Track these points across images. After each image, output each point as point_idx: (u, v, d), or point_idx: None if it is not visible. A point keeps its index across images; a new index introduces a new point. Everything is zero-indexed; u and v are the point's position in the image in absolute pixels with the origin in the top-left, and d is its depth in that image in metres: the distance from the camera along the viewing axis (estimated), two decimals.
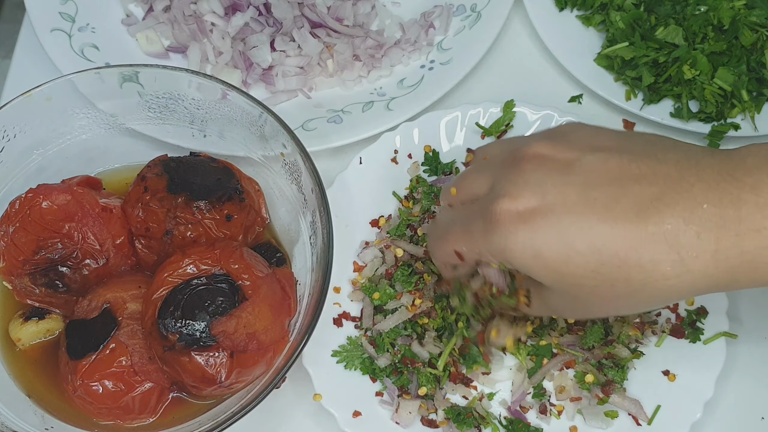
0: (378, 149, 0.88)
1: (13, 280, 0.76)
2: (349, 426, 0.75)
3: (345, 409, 0.76)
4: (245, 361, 0.70)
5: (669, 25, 0.91)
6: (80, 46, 0.95)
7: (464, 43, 0.96)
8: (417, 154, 0.88)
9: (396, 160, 0.88)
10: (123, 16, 1.00)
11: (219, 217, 0.76)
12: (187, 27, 0.97)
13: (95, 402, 0.71)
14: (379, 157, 0.88)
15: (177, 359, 0.69)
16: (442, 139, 0.89)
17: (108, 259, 0.76)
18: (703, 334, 0.78)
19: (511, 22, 1.00)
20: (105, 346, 0.71)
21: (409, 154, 0.88)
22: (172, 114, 0.83)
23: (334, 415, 0.76)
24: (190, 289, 0.70)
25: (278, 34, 0.96)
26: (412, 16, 1.00)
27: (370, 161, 0.87)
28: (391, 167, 0.88)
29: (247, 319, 0.70)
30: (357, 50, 0.96)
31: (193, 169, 0.78)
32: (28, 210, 0.75)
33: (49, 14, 0.97)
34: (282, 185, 0.81)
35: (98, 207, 0.77)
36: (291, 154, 0.77)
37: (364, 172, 0.87)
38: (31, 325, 0.76)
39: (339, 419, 0.75)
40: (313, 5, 0.97)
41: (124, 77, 0.80)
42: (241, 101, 0.79)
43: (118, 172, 0.85)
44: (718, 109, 0.89)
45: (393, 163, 0.88)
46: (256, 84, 0.96)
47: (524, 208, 0.61)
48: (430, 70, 0.95)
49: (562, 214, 0.60)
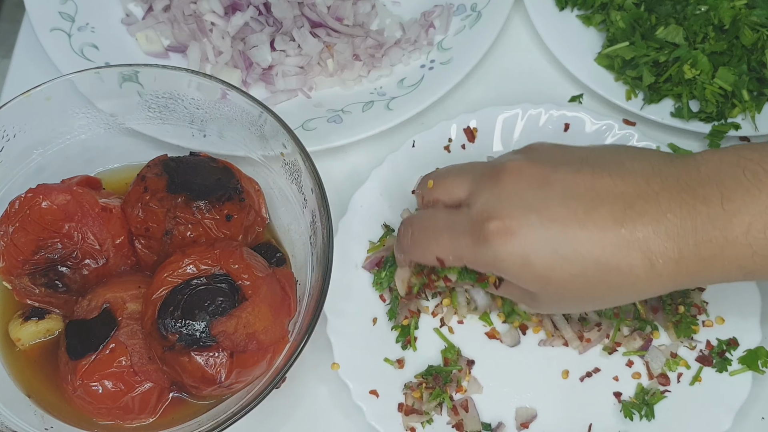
0: (433, 135, 0.88)
1: (12, 280, 0.76)
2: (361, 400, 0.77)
3: (361, 383, 0.78)
4: (245, 361, 0.70)
5: (669, 24, 0.91)
6: (80, 45, 0.95)
7: (464, 42, 0.96)
8: (470, 147, 0.88)
9: (449, 148, 0.88)
10: (123, 15, 1.00)
11: (219, 217, 0.76)
12: (186, 26, 0.97)
13: (95, 402, 0.71)
14: (433, 144, 0.88)
15: (177, 359, 0.69)
16: (495, 136, 0.88)
17: (108, 259, 0.76)
18: (730, 365, 0.78)
19: (511, 22, 1.00)
20: (105, 346, 0.71)
21: (462, 144, 0.88)
22: (172, 114, 0.83)
23: (349, 387, 0.77)
24: (190, 289, 0.70)
25: (278, 33, 0.96)
26: (412, 16, 1.00)
27: (424, 146, 0.87)
28: (443, 155, 0.88)
29: (247, 319, 0.70)
30: (357, 50, 0.96)
31: (192, 168, 0.78)
32: (27, 210, 0.75)
33: (49, 14, 0.97)
34: (282, 185, 0.81)
35: (98, 207, 0.76)
36: (291, 153, 0.77)
37: (416, 157, 0.87)
38: (31, 325, 0.76)
39: (353, 392, 0.77)
40: (313, 5, 0.97)
41: (123, 77, 0.80)
42: (240, 101, 0.78)
43: (117, 172, 0.85)
44: (718, 108, 0.90)
45: (446, 151, 0.88)
46: (255, 84, 0.96)
47: (509, 220, 0.65)
48: (430, 69, 0.95)
49: (546, 224, 0.64)
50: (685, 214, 0.62)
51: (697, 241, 0.62)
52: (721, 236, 0.62)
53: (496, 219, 0.65)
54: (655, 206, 0.63)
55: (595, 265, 0.63)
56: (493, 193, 0.67)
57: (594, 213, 0.63)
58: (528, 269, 0.65)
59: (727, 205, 0.62)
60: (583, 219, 0.63)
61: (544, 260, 0.64)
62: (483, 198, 0.67)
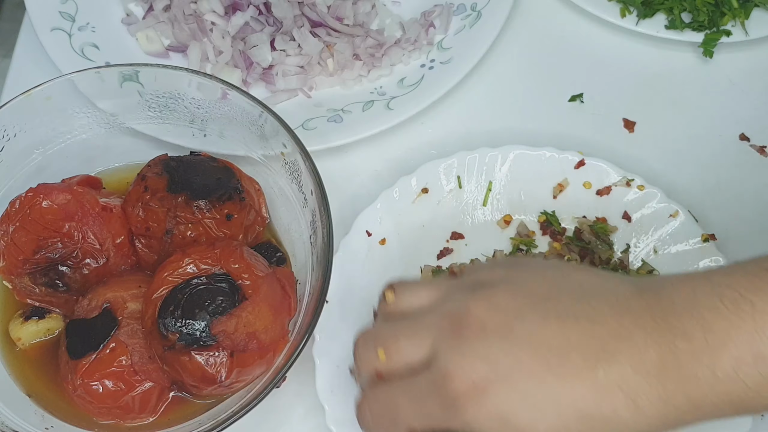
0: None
1: (13, 279, 0.76)
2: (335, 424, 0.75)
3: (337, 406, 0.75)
4: (245, 360, 0.70)
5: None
6: (80, 45, 0.95)
7: (465, 42, 0.96)
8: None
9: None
10: (123, 15, 1.00)
11: (219, 216, 0.76)
12: (187, 26, 0.97)
13: (95, 401, 0.71)
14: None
15: (177, 359, 0.69)
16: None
17: (108, 259, 0.76)
18: None
19: (511, 22, 1.00)
20: (105, 345, 0.71)
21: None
22: (172, 113, 0.83)
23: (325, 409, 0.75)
24: (190, 288, 0.70)
25: (278, 33, 0.96)
26: (412, 16, 1.00)
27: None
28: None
29: (247, 318, 0.70)
30: (357, 49, 0.96)
31: (193, 168, 0.78)
32: (28, 209, 0.75)
33: (49, 13, 0.97)
34: (282, 185, 0.81)
35: (98, 206, 0.76)
36: (291, 153, 0.77)
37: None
38: (31, 324, 0.76)
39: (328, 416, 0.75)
40: (313, 4, 0.97)
41: (124, 76, 0.80)
42: (241, 100, 0.78)
43: (118, 171, 0.85)
44: (709, 17, 0.95)
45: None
46: (256, 83, 0.96)
47: (479, 379, 0.59)
48: (430, 69, 0.95)
49: (519, 379, 0.59)
50: (665, 350, 0.57)
51: (681, 378, 0.57)
52: (709, 373, 0.57)
53: (461, 378, 0.59)
54: (629, 344, 0.58)
55: (577, 415, 0.58)
56: (456, 350, 0.61)
57: (567, 362, 0.58)
58: (509, 428, 0.59)
59: (710, 338, 0.57)
60: (557, 369, 0.58)
61: (525, 418, 0.58)
62: (445, 357, 0.61)
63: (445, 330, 0.62)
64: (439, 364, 0.61)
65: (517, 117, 0.95)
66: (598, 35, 1.00)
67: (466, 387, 0.59)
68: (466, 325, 0.61)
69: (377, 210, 0.84)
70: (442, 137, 0.94)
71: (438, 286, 0.67)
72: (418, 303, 0.66)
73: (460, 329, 0.61)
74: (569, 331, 0.59)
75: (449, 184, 0.86)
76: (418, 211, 0.85)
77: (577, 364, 0.58)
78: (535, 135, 0.92)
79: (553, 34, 1.01)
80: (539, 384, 0.58)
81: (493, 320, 0.61)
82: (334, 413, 0.75)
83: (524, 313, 0.61)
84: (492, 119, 0.95)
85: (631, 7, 0.97)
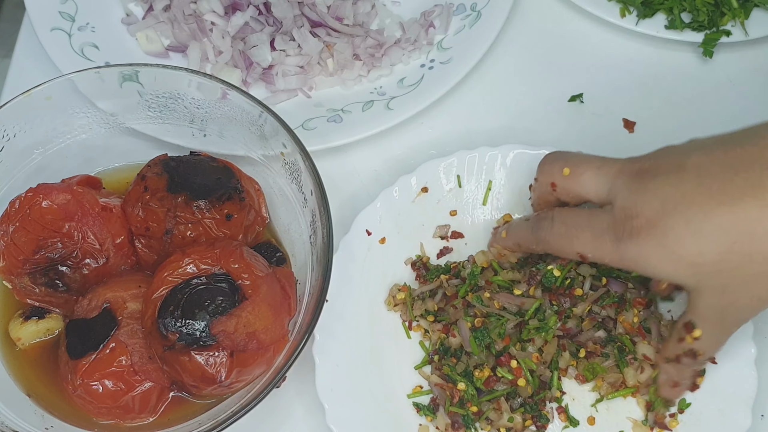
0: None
1: (13, 279, 0.76)
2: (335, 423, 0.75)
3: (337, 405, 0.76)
4: (245, 360, 0.70)
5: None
6: (80, 45, 0.95)
7: (464, 42, 0.96)
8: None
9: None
10: (123, 15, 1.00)
11: (219, 216, 0.76)
12: (187, 26, 0.97)
13: (95, 401, 0.71)
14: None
15: (177, 359, 0.69)
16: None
17: (108, 259, 0.76)
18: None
19: (511, 22, 1.00)
20: (105, 345, 0.71)
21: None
22: (172, 113, 0.83)
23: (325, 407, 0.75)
24: (190, 288, 0.70)
25: (278, 33, 0.96)
26: (412, 16, 1.00)
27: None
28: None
29: (247, 318, 0.70)
30: (357, 49, 0.96)
31: (193, 168, 0.78)
32: (28, 209, 0.75)
33: (49, 13, 0.97)
34: (282, 185, 0.81)
35: (98, 206, 0.77)
36: (291, 153, 0.77)
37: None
38: (31, 324, 0.76)
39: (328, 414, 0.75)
40: (313, 4, 0.97)
41: (124, 76, 0.80)
42: (241, 100, 0.79)
43: (118, 171, 0.85)
44: (709, 17, 0.95)
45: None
46: (256, 83, 0.96)
47: (650, 214, 0.65)
48: (430, 69, 0.95)
49: (684, 209, 0.64)
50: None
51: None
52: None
53: (638, 216, 0.66)
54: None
55: (742, 236, 0.62)
56: (633, 190, 0.67)
57: (730, 187, 0.63)
58: (675, 260, 0.64)
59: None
60: (719, 195, 0.63)
61: (689, 246, 0.63)
62: (623, 196, 0.68)
63: (625, 174, 0.68)
64: (618, 203, 0.68)
65: (517, 117, 0.95)
66: (598, 35, 1.00)
67: (639, 224, 0.66)
68: (645, 169, 0.67)
69: (377, 209, 0.84)
70: (441, 137, 0.94)
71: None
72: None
73: (640, 173, 0.67)
74: (732, 158, 0.64)
75: (449, 183, 0.86)
76: (418, 210, 0.85)
77: (740, 188, 0.63)
78: (534, 135, 0.93)
79: (553, 34, 1.01)
80: (702, 211, 0.63)
81: (667, 161, 0.67)
82: (334, 412, 0.75)
83: (693, 152, 0.66)
84: (492, 119, 0.95)
85: (631, 7, 0.97)
